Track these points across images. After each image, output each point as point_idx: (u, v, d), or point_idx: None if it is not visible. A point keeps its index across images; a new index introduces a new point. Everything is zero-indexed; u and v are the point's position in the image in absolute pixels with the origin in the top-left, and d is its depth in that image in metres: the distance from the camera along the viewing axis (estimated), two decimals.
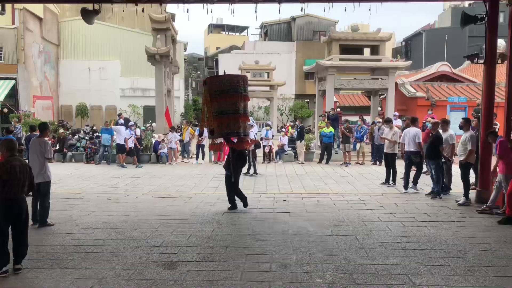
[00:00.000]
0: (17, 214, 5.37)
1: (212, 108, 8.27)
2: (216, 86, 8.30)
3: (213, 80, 8.89)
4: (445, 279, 5.01)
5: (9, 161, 5.37)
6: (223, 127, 8.25)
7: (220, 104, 8.22)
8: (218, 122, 8.26)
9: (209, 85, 8.39)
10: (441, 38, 39.28)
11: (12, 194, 5.30)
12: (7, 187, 5.23)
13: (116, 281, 5.00)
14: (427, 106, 19.34)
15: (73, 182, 12.17)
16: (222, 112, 8.22)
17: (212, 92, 8.27)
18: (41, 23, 26.13)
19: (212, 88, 8.29)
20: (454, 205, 8.95)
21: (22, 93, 23.29)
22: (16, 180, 5.32)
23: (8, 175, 5.24)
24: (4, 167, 5.26)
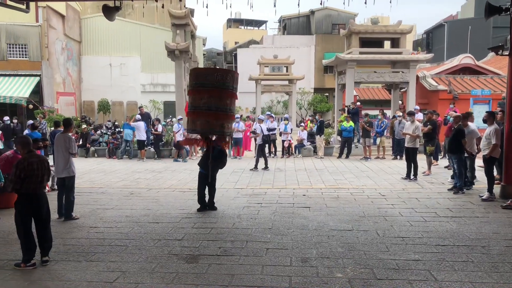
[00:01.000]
0: (37, 209, 5.52)
1: (194, 100, 7.76)
2: (202, 79, 7.68)
3: (199, 72, 8.28)
4: (469, 275, 4.95)
5: (27, 158, 5.51)
6: (203, 122, 7.65)
7: (203, 98, 7.62)
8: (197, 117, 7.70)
9: (194, 76, 7.83)
10: (464, 29, 38.38)
11: (31, 190, 5.45)
12: (25, 184, 5.39)
13: (139, 273, 5.11)
14: (449, 99, 18.97)
15: (96, 176, 12.43)
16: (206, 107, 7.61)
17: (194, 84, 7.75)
18: (63, 20, 26.63)
19: (197, 80, 7.72)
20: (478, 200, 8.80)
21: (46, 89, 23.84)
22: (34, 177, 5.46)
23: (26, 172, 5.38)
24: (21, 164, 5.41)
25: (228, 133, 8.03)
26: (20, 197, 5.46)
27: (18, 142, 5.80)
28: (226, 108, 7.73)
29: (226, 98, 7.72)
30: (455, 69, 24.20)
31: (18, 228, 5.44)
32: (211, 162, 8.03)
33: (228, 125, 7.99)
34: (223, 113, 7.69)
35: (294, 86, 27.38)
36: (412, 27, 21.56)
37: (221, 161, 8.31)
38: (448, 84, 20.28)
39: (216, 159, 8.12)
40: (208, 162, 8.04)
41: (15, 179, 5.35)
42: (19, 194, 5.45)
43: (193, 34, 23.08)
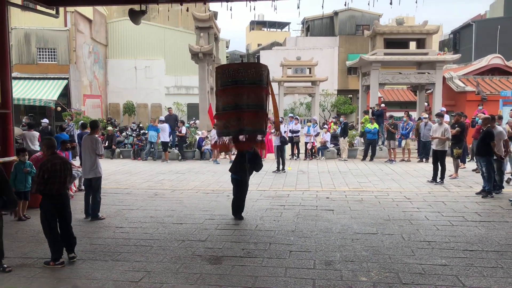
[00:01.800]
0: (61, 209, 5.67)
1: (226, 100, 7.16)
2: (231, 76, 7.09)
3: (227, 68, 7.41)
4: (498, 282, 4.81)
5: (50, 160, 5.66)
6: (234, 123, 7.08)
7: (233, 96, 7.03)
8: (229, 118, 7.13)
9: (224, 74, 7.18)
10: (493, 29, 37.35)
11: (55, 191, 5.59)
12: (49, 184, 5.54)
13: (164, 274, 5.18)
14: (477, 101, 18.51)
15: (121, 177, 12.65)
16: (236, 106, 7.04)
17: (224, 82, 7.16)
18: (90, 24, 27.26)
19: (226, 78, 7.13)
20: (508, 205, 8.54)
21: (74, 92, 24.44)
22: (57, 178, 5.60)
23: (49, 173, 5.53)
24: (45, 165, 5.56)
25: (265, 132, 7.57)
26: (44, 198, 5.62)
27: (44, 143, 5.96)
28: (263, 105, 7.22)
29: (262, 95, 7.20)
30: (483, 69, 23.58)
31: (44, 228, 5.61)
32: (247, 166, 7.55)
33: (266, 124, 7.49)
34: (261, 111, 7.18)
35: (317, 87, 27.23)
36: (438, 27, 21.13)
37: (257, 164, 7.78)
38: (476, 85, 19.79)
39: (252, 162, 7.62)
40: (244, 165, 7.55)
41: (39, 180, 5.51)
42: (43, 195, 5.61)
43: (216, 36, 23.27)
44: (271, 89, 7.41)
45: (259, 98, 7.19)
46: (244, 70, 7.03)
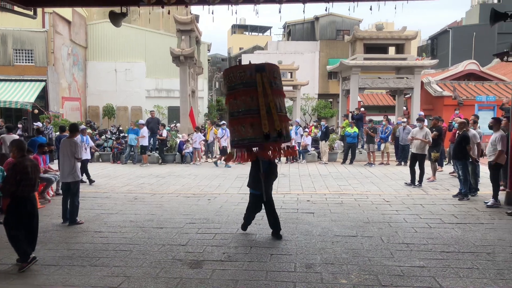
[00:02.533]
0: (30, 212, 5.63)
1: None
2: (273, 76, 6.41)
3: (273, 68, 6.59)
4: (474, 282, 4.92)
5: (21, 162, 5.61)
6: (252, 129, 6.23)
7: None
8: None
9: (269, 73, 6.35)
10: (468, 35, 38.33)
11: (26, 193, 5.56)
12: (21, 187, 5.48)
13: (143, 279, 5.12)
14: (454, 105, 18.93)
15: (100, 181, 12.46)
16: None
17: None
18: (69, 26, 26.86)
19: (270, 78, 6.32)
20: (483, 207, 8.75)
21: (52, 95, 24.01)
22: (28, 180, 5.56)
23: (21, 175, 5.49)
24: (17, 167, 5.52)
25: (288, 138, 6.69)
26: (14, 200, 5.53)
27: (14, 145, 5.82)
28: (282, 108, 6.52)
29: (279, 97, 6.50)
30: (460, 75, 24.16)
31: (9, 230, 5.52)
32: (263, 176, 6.66)
33: (287, 128, 6.67)
34: (282, 115, 6.41)
35: (299, 91, 27.41)
36: (417, 33, 21.59)
37: (272, 173, 6.86)
38: (453, 90, 20.24)
39: (268, 172, 6.75)
40: (260, 176, 6.68)
41: (12, 181, 5.45)
42: (14, 197, 5.53)
43: (198, 39, 23.21)
44: None
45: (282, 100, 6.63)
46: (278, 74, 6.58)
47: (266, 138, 6.14)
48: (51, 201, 9.56)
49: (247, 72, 6.28)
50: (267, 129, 6.09)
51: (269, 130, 6.10)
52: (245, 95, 6.25)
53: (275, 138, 6.21)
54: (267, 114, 6.11)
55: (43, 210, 8.75)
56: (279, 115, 6.25)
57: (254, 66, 6.32)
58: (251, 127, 6.20)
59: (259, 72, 6.18)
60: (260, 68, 6.25)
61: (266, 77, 6.20)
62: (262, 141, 6.22)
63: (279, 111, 6.29)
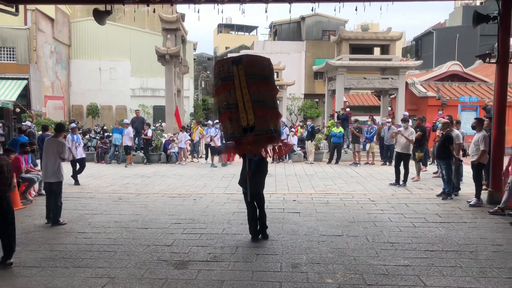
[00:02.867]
0: (5, 211, 5.53)
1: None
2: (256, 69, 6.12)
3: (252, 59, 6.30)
4: (457, 281, 4.98)
5: None
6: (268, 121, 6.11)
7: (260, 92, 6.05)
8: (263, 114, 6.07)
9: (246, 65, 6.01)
10: (452, 37, 38.93)
11: (1, 192, 5.47)
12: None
13: (128, 280, 5.05)
14: (438, 106, 19.20)
15: (84, 181, 12.28)
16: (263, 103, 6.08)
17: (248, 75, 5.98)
18: (52, 23, 26.43)
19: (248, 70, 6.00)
20: (466, 206, 8.88)
21: (34, 93, 23.59)
22: (4, 179, 5.49)
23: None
24: None
25: (278, 132, 6.43)
26: None
27: None
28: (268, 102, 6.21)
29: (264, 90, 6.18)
30: (443, 76, 24.52)
31: None
32: (249, 174, 6.42)
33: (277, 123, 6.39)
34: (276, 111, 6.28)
35: (285, 91, 27.49)
36: (402, 34, 21.81)
37: (261, 171, 6.58)
38: (437, 91, 20.52)
39: (256, 170, 6.48)
40: (245, 174, 6.48)
41: None
42: None
43: (183, 38, 23.08)
44: None
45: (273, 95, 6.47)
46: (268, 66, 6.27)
47: (245, 132, 5.98)
48: (33, 201, 9.39)
49: (225, 66, 6.14)
50: (245, 122, 5.94)
51: (248, 123, 5.95)
52: (224, 90, 6.11)
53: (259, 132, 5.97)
54: (244, 108, 5.93)
55: (25, 210, 8.60)
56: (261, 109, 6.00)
57: (231, 59, 6.15)
58: (230, 122, 6.11)
59: (236, 65, 5.97)
60: (236, 61, 6.03)
61: (242, 69, 5.93)
62: (240, 135, 6.04)
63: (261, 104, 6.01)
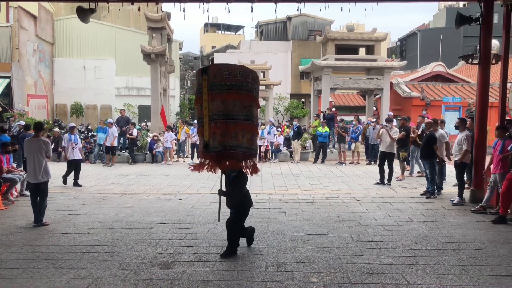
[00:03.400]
0: None
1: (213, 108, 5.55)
2: (223, 78, 5.53)
3: (219, 68, 5.68)
4: (440, 278, 5.04)
5: None
6: (227, 137, 5.53)
7: (226, 103, 5.51)
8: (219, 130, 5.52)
9: (212, 75, 5.54)
10: (436, 38, 39.47)
11: None
12: None
13: (112, 281, 5.00)
14: (422, 106, 19.45)
15: (67, 181, 12.11)
16: (228, 116, 5.53)
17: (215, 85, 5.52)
18: (35, 21, 25.99)
19: (216, 79, 5.53)
20: (449, 205, 9.01)
21: (16, 92, 23.18)
22: None
23: None
24: None
25: (254, 149, 5.94)
26: None
27: None
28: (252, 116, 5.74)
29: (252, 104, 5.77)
30: (427, 76, 24.85)
31: None
32: (220, 193, 5.97)
33: (255, 138, 5.90)
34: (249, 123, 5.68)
35: (271, 91, 27.50)
36: (387, 34, 22.02)
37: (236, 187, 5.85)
38: (421, 91, 20.78)
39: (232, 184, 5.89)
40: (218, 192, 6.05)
41: None
42: None
43: (169, 37, 22.95)
44: None
45: (257, 111, 5.95)
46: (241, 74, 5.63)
47: (205, 148, 5.60)
48: (15, 202, 9.23)
49: (197, 77, 5.80)
50: (207, 137, 5.57)
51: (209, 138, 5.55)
52: (197, 104, 5.78)
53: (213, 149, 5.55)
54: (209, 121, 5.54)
55: (7, 211, 8.45)
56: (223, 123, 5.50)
57: (200, 69, 5.73)
58: (202, 138, 5.67)
59: (203, 75, 5.59)
60: (203, 71, 5.65)
61: (207, 80, 5.54)
62: (203, 151, 5.68)
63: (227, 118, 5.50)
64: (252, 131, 5.73)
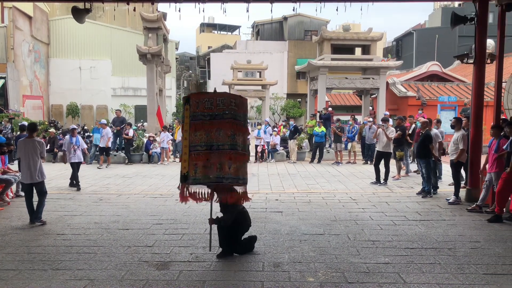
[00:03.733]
0: None
1: (195, 138, 5.54)
2: (205, 108, 5.52)
3: (200, 97, 5.68)
4: (436, 277, 5.06)
5: None
6: (212, 168, 5.48)
7: (210, 133, 5.49)
8: (201, 161, 5.51)
9: (194, 105, 5.58)
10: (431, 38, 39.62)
11: None
12: None
13: (108, 281, 4.98)
14: (418, 105, 19.52)
15: (63, 182, 12.07)
16: (212, 146, 5.48)
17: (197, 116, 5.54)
18: (30, 21, 25.90)
19: (198, 109, 5.54)
20: (445, 204, 9.04)
21: (12, 92, 23.08)
22: None
23: None
24: None
25: (242, 179, 5.78)
26: None
27: None
28: (237, 144, 5.59)
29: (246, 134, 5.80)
30: (423, 76, 24.94)
31: None
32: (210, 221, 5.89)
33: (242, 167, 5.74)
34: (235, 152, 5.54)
35: (267, 91, 27.53)
36: (383, 34, 22.10)
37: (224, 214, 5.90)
38: (417, 91, 20.84)
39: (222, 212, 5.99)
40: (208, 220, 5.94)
41: None
42: None
43: (165, 37, 22.90)
44: None
45: (244, 138, 5.75)
46: (223, 102, 5.51)
47: (185, 180, 5.65)
48: (10, 203, 9.18)
49: (183, 105, 5.84)
50: (186, 169, 5.61)
51: (188, 170, 5.57)
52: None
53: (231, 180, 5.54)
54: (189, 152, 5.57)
55: (2, 212, 8.41)
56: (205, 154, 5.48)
57: (184, 98, 5.75)
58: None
59: (185, 105, 5.65)
60: (186, 100, 5.68)
61: (189, 110, 5.57)
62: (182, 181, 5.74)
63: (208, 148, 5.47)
64: (238, 160, 5.59)
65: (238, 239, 5.94)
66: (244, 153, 5.75)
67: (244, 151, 5.71)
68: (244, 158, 5.77)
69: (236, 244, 5.91)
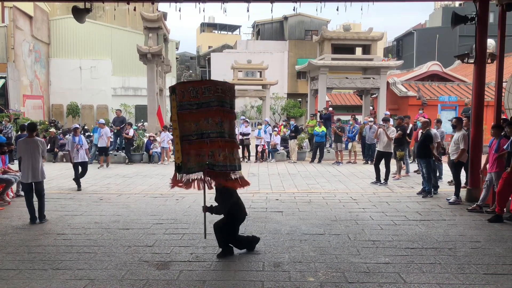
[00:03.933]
0: None
1: (184, 128, 5.58)
2: (191, 97, 5.51)
3: (185, 87, 5.69)
4: (436, 277, 5.06)
5: None
6: (205, 156, 5.53)
7: (198, 122, 5.50)
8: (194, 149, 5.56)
9: (180, 94, 5.59)
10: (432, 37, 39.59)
11: None
12: None
13: (108, 281, 4.98)
14: (418, 105, 19.50)
15: (64, 182, 12.08)
16: (203, 135, 5.51)
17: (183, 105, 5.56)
18: (31, 21, 25.91)
19: (184, 99, 5.55)
20: (445, 204, 9.03)
21: (12, 92, 23.10)
22: None
23: None
24: None
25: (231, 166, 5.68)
26: None
27: None
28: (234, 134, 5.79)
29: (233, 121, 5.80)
30: (423, 75, 24.91)
31: None
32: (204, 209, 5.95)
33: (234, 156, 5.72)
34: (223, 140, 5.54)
35: (268, 91, 27.52)
36: (383, 34, 22.09)
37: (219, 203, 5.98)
38: (417, 91, 20.83)
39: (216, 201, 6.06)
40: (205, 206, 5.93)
41: None
42: None
43: (165, 37, 22.90)
44: None
45: (231, 125, 5.72)
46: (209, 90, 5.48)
47: (179, 170, 5.74)
48: (11, 202, 9.19)
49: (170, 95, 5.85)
50: (179, 159, 5.67)
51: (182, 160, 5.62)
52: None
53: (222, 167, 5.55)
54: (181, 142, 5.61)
55: (2, 212, 8.42)
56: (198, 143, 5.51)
57: (170, 88, 5.76)
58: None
59: (171, 95, 5.69)
60: (172, 90, 5.69)
61: (175, 100, 5.60)
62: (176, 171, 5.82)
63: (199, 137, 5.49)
64: (225, 148, 5.56)
65: (235, 232, 5.95)
66: (233, 140, 5.76)
67: (231, 137, 5.72)
68: (233, 145, 5.74)
69: (234, 240, 5.91)
